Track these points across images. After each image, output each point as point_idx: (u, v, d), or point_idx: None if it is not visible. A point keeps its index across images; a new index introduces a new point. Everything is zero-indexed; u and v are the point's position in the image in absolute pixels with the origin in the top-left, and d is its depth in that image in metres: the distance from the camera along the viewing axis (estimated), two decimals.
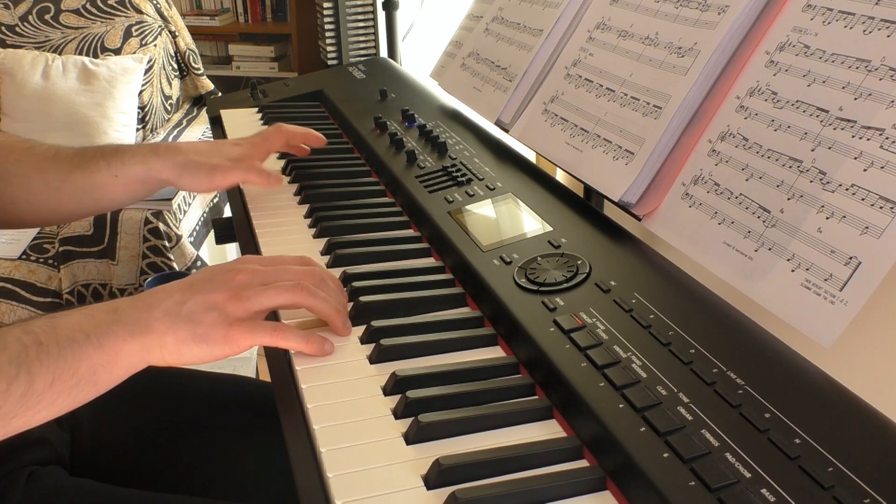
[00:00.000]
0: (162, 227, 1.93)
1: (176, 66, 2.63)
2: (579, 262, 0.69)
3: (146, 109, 2.49)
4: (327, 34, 2.66)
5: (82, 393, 0.59)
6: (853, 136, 0.59)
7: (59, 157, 0.89)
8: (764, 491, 0.44)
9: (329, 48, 2.67)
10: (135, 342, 0.60)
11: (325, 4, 2.61)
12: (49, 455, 0.79)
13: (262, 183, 0.92)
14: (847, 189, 0.57)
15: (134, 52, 2.46)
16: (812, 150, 0.61)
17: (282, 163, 1.07)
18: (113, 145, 0.92)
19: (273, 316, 0.70)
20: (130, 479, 0.81)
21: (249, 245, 0.88)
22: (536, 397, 0.59)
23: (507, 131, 1.00)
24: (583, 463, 0.52)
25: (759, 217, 0.63)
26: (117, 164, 0.88)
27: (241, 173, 0.90)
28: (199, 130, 2.48)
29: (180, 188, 0.89)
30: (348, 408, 0.58)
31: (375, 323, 0.67)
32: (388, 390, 0.60)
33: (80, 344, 0.58)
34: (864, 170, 0.57)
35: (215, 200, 2.31)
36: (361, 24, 2.67)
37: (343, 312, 0.67)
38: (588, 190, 0.96)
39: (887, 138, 0.56)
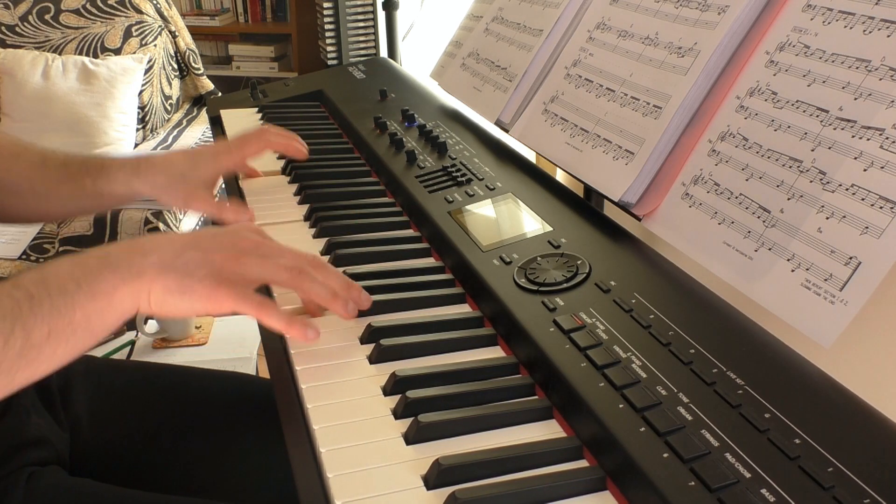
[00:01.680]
0: (162, 227, 1.93)
1: (176, 66, 2.63)
2: (579, 262, 0.69)
3: (146, 109, 2.49)
4: (327, 34, 2.66)
5: (80, 341, 0.59)
6: (853, 136, 0.59)
7: (46, 167, 0.90)
8: (764, 491, 0.44)
9: (329, 48, 2.67)
10: (126, 287, 0.60)
11: (325, 4, 2.61)
12: (49, 455, 0.79)
13: (230, 220, 0.94)
14: (847, 189, 0.57)
15: (134, 52, 2.46)
16: (812, 150, 0.61)
17: (281, 163, 1.07)
18: (98, 160, 0.92)
19: (267, 294, 0.70)
20: (130, 478, 0.81)
21: None
22: (536, 397, 0.59)
23: (507, 131, 1.00)
24: (583, 463, 0.52)
25: (759, 217, 0.63)
26: (102, 183, 0.90)
27: (211, 207, 0.93)
28: (199, 130, 2.48)
29: (161, 204, 0.91)
30: (348, 408, 0.58)
31: (375, 323, 0.67)
32: (388, 390, 0.60)
33: (72, 293, 0.57)
34: (864, 170, 0.57)
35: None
36: (361, 24, 2.67)
37: (342, 296, 0.67)
38: (588, 190, 0.96)
39: (887, 138, 0.56)
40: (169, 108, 2.60)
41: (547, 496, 0.49)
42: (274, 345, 0.68)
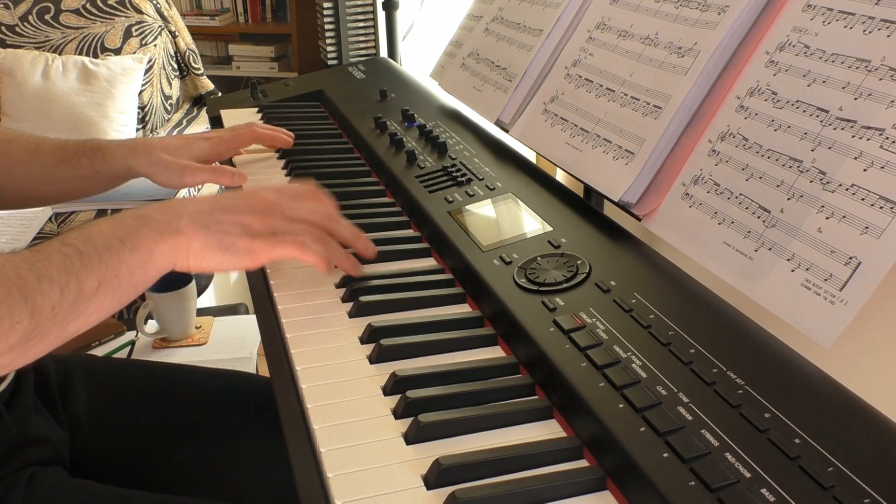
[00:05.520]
0: None
1: (176, 66, 2.63)
2: (579, 262, 0.69)
3: (146, 109, 2.49)
4: (327, 34, 2.66)
5: (125, 293, 0.63)
6: (853, 137, 0.59)
7: (40, 151, 0.93)
8: (764, 491, 0.44)
9: (329, 48, 2.67)
10: (164, 243, 0.64)
11: (325, 4, 2.61)
12: (50, 454, 0.79)
13: (228, 183, 0.98)
14: (847, 189, 0.57)
15: (134, 52, 2.46)
16: (812, 150, 0.61)
17: (282, 162, 1.07)
18: (93, 141, 0.96)
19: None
20: (130, 477, 0.81)
21: None
22: (536, 397, 0.59)
23: (507, 131, 1.00)
24: (583, 463, 0.52)
25: (759, 217, 0.63)
26: (99, 163, 0.93)
27: (207, 174, 0.97)
28: (199, 130, 2.48)
29: (154, 182, 0.97)
30: (348, 408, 0.58)
31: (375, 323, 0.67)
32: (388, 390, 0.60)
33: (117, 249, 0.62)
34: (864, 170, 0.57)
35: None
36: (361, 24, 2.67)
37: (352, 258, 0.74)
38: (588, 190, 0.96)
39: (887, 138, 0.56)
40: (169, 108, 2.60)
41: (547, 496, 0.49)
42: (274, 345, 0.68)
